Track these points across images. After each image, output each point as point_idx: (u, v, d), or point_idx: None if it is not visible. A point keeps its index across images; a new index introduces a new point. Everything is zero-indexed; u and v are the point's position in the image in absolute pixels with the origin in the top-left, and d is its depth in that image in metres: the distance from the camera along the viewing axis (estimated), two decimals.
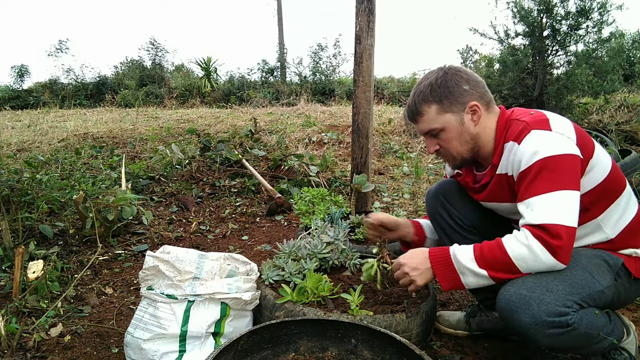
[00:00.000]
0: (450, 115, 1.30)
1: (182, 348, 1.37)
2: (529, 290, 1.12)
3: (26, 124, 7.15)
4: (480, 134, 1.32)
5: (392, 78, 13.39)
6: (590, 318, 1.16)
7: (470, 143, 1.33)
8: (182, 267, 1.44)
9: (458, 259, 1.23)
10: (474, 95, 1.30)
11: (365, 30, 2.64)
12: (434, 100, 1.30)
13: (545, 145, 1.16)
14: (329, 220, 2.15)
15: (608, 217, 1.26)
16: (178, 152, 3.95)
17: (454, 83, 1.29)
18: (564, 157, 1.14)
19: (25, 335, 1.59)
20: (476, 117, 1.30)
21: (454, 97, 1.29)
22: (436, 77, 1.31)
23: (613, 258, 1.25)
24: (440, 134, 1.33)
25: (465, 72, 1.32)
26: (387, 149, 5.19)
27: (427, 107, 1.31)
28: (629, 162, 2.98)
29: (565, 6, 5.19)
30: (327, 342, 1.27)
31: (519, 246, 1.15)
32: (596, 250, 1.27)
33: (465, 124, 1.31)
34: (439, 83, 1.29)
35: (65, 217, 2.84)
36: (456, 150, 1.34)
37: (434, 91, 1.30)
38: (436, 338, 1.65)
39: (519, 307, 1.12)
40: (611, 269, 1.23)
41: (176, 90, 12.21)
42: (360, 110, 2.74)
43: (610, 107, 5.47)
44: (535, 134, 1.19)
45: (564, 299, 1.11)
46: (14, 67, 13.87)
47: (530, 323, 1.11)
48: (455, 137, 1.32)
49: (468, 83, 1.30)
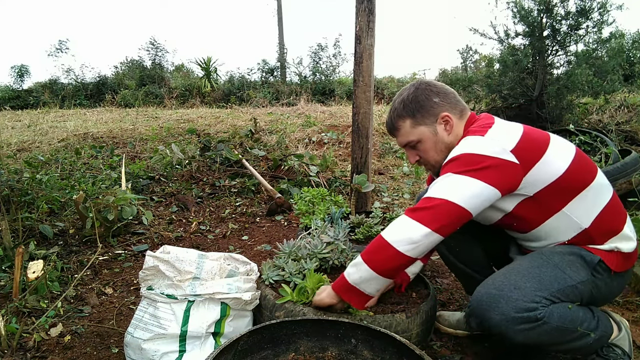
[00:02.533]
0: (424, 127, 1.39)
1: (182, 348, 1.37)
2: (498, 289, 1.18)
3: (26, 124, 7.15)
4: (454, 142, 1.37)
5: (392, 78, 13.39)
6: (562, 312, 1.18)
7: (446, 152, 1.38)
8: (182, 267, 1.44)
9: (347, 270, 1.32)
10: (445, 107, 1.38)
11: (365, 30, 2.64)
12: (407, 115, 1.40)
13: (468, 147, 1.24)
14: (329, 220, 2.15)
15: (574, 207, 1.27)
16: (178, 152, 3.95)
17: (424, 97, 1.38)
18: (478, 156, 1.20)
19: (25, 335, 1.59)
20: (449, 126, 1.38)
21: (425, 110, 1.38)
22: (408, 94, 1.41)
23: (590, 255, 1.27)
24: (417, 146, 1.42)
25: (434, 86, 1.41)
26: (387, 149, 5.19)
27: (402, 122, 1.41)
28: (629, 162, 2.97)
29: (565, 6, 5.18)
30: (327, 342, 1.28)
31: (390, 225, 1.26)
32: (572, 247, 1.29)
33: (439, 134, 1.39)
34: (410, 99, 1.39)
35: (65, 217, 2.84)
36: (434, 159, 1.42)
37: (406, 107, 1.40)
38: (436, 338, 1.66)
39: (489, 305, 1.17)
40: (587, 265, 1.25)
41: (176, 90, 12.21)
42: (360, 110, 2.74)
43: (610, 107, 5.47)
44: (466, 140, 1.28)
45: (532, 295, 1.16)
46: (14, 67, 13.87)
47: (500, 320, 1.15)
48: (432, 147, 1.40)
49: (438, 96, 1.38)
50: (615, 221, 1.30)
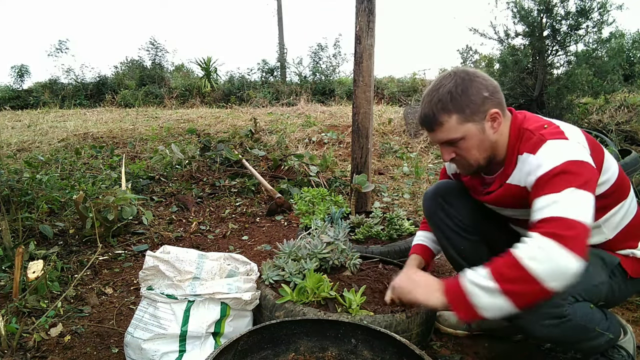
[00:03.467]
0: (472, 124, 1.23)
1: (182, 348, 1.37)
2: None
3: (26, 124, 7.15)
4: (499, 140, 1.28)
5: (392, 78, 13.38)
6: (585, 310, 1.18)
7: (489, 150, 1.29)
8: (182, 267, 1.44)
9: (467, 276, 1.13)
10: (494, 102, 1.24)
11: (365, 30, 2.64)
12: (455, 109, 1.22)
13: (565, 151, 1.13)
14: (329, 220, 2.15)
15: (610, 220, 1.27)
16: (178, 152, 3.95)
17: (474, 91, 1.22)
18: (583, 163, 1.11)
19: (25, 335, 1.59)
20: (496, 124, 1.25)
21: (476, 106, 1.22)
22: (455, 84, 1.23)
23: (610, 256, 1.26)
24: (458, 143, 1.27)
25: (483, 78, 1.25)
26: (387, 149, 5.19)
27: (447, 117, 1.23)
28: (629, 162, 2.98)
29: (565, 6, 5.19)
30: (327, 342, 1.28)
31: (527, 247, 1.07)
32: (593, 249, 1.28)
33: (486, 132, 1.25)
34: (459, 91, 1.22)
35: (65, 217, 2.84)
36: (474, 158, 1.29)
37: (454, 100, 1.22)
38: (436, 338, 1.65)
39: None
40: (606, 267, 1.25)
41: (176, 90, 12.21)
42: (360, 110, 2.74)
43: (610, 107, 5.48)
44: (552, 143, 1.16)
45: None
46: (14, 67, 13.87)
47: (526, 315, 1.12)
48: (476, 146, 1.27)
49: (487, 90, 1.23)
50: (636, 236, 1.30)
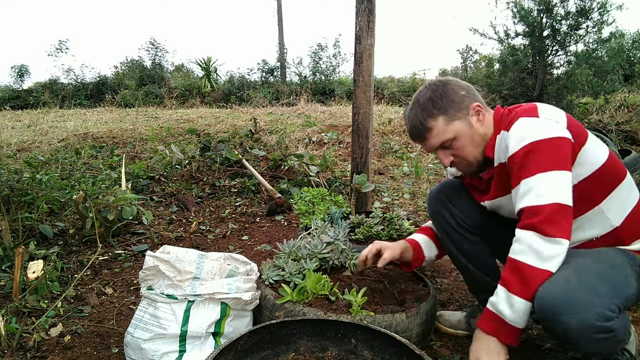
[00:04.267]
0: (459, 122, 1.31)
1: (182, 348, 1.37)
2: (574, 291, 1.04)
3: (26, 124, 7.15)
4: (487, 132, 1.33)
5: (392, 78, 13.40)
6: (625, 323, 1.11)
7: (482, 144, 1.33)
8: (182, 267, 1.44)
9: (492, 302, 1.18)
10: (473, 98, 1.33)
11: (365, 30, 2.64)
12: (439, 111, 1.30)
13: (531, 130, 1.18)
14: (329, 220, 2.15)
15: (611, 204, 1.24)
16: (178, 152, 3.95)
17: (451, 92, 1.31)
18: (550, 141, 1.15)
19: (25, 335, 1.59)
20: (481, 116, 1.32)
21: (457, 104, 1.31)
22: (432, 92, 1.32)
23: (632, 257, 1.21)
24: (452, 144, 1.33)
25: (456, 81, 1.35)
26: (387, 149, 5.19)
27: (434, 121, 1.31)
28: (629, 162, 2.98)
29: (565, 6, 5.19)
30: (327, 342, 1.28)
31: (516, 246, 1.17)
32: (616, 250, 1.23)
33: (474, 126, 1.32)
34: (438, 94, 1.31)
35: (65, 217, 2.84)
36: (471, 154, 1.34)
37: (436, 104, 1.30)
38: (436, 338, 1.65)
39: (565, 308, 1.03)
40: (634, 270, 1.19)
41: (176, 90, 12.22)
42: (360, 110, 2.74)
43: (610, 107, 5.48)
44: (523, 120, 1.22)
45: (610, 302, 1.04)
46: (14, 67, 13.90)
47: (578, 327, 1.01)
48: (469, 142, 1.32)
49: (463, 89, 1.33)
50: None
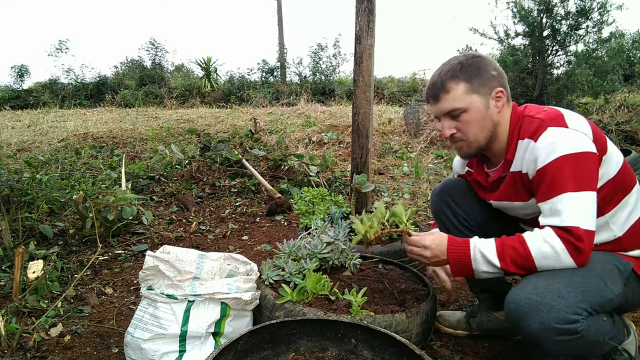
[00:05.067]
0: (477, 96, 1.26)
1: (182, 348, 1.37)
2: (540, 296, 1.10)
3: (26, 124, 7.16)
4: (500, 123, 1.30)
5: (392, 78, 13.39)
6: (599, 325, 1.14)
7: (491, 130, 1.29)
8: (182, 267, 1.44)
9: (477, 246, 1.22)
10: (500, 82, 1.29)
11: (365, 30, 2.64)
12: (464, 78, 1.26)
13: (563, 142, 1.14)
14: (329, 220, 2.15)
15: (617, 215, 1.24)
16: (178, 152, 3.95)
17: (484, 66, 1.27)
18: (582, 155, 1.13)
19: (25, 335, 1.59)
20: (500, 104, 1.28)
21: (484, 79, 1.26)
22: (466, 58, 1.28)
23: (623, 263, 1.22)
24: (461, 116, 1.28)
25: (490, 59, 1.32)
26: (387, 149, 5.19)
27: (455, 85, 1.26)
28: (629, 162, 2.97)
29: (565, 6, 5.19)
30: (327, 342, 1.28)
31: (542, 244, 1.13)
32: (608, 255, 1.24)
33: (490, 109, 1.27)
34: (470, 63, 1.27)
35: (65, 217, 2.84)
36: (474, 135, 1.29)
37: (464, 69, 1.26)
38: (436, 338, 1.65)
39: (529, 312, 1.10)
40: (622, 275, 1.20)
41: (176, 90, 12.22)
42: (360, 110, 2.74)
43: (610, 107, 5.48)
44: (552, 131, 1.17)
45: (575, 306, 1.09)
46: (14, 67, 13.90)
47: (539, 329, 1.09)
48: (477, 121, 1.27)
49: (496, 70, 1.29)
50: None
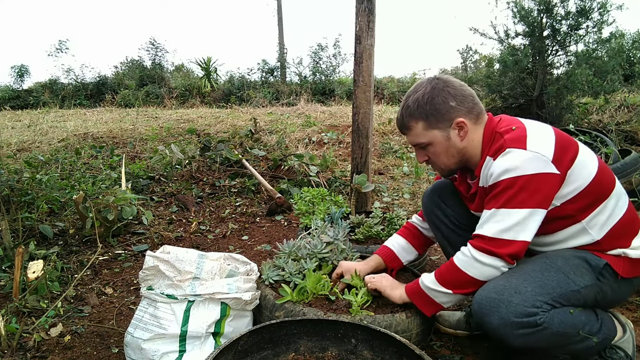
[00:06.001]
0: (437, 131, 1.32)
1: (182, 348, 1.37)
2: (498, 293, 1.17)
3: (26, 124, 7.15)
4: (468, 147, 1.34)
5: (392, 78, 13.39)
6: (563, 317, 1.18)
7: (457, 157, 1.36)
8: (182, 267, 1.44)
9: (426, 285, 1.34)
10: (461, 112, 1.30)
11: (365, 30, 2.64)
12: (421, 116, 1.32)
13: (515, 164, 1.18)
14: (329, 220, 2.15)
15: (594, 221, 1.26)
16: (178, 152, 3.95)
17: (440, 100, 1.29)
18: (532, 177, 1.16)
19: (25, 335, 1.59)
20: (463, 132, 1.32)
21: (441, 114, 1.30)
22: (423, 93, 1.31)
23: (595, 259, 1.25)
24: (427, 148, 1.37)
25: (453, 87, 1.31)
26: (387, 149, 5.19)
27: (415, 123, 1.34)
28: (629, 162, 2.97)
29: (565, 6, 5.19)
30: (327, 342, 1.28)
31: (461, 254, 1.27)
32: (578, 251, 1.27)
33: (452, 140, 1.33)
34: (426, 99, 1.30)
35: (65, 217, 2.84)
36: (443, 162, 1.39)
37: (420, 107, 1.31)
38: (436, 338, 1.65)
39: (489, 309, 1.17)
40: (592, 269, 1.23)
41: (176, 90, 12.22)
42: (360, 110, 2.74)
43: (610, 107, 5.47)
44: (510, 153, 1.21)
45: (533, 300, 1.15)
46: (14, 67, 13.88)
47: (500, 324, 1.15)
48: (443, 152, 1.35)
49: (455, 99, 1.30)
50: (626, 234, 1.28)
